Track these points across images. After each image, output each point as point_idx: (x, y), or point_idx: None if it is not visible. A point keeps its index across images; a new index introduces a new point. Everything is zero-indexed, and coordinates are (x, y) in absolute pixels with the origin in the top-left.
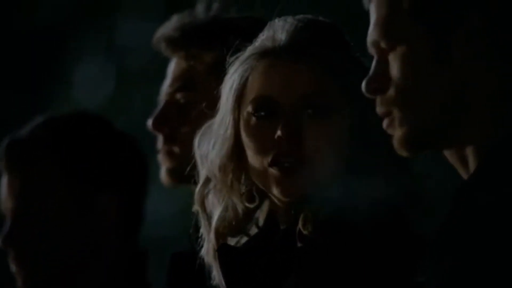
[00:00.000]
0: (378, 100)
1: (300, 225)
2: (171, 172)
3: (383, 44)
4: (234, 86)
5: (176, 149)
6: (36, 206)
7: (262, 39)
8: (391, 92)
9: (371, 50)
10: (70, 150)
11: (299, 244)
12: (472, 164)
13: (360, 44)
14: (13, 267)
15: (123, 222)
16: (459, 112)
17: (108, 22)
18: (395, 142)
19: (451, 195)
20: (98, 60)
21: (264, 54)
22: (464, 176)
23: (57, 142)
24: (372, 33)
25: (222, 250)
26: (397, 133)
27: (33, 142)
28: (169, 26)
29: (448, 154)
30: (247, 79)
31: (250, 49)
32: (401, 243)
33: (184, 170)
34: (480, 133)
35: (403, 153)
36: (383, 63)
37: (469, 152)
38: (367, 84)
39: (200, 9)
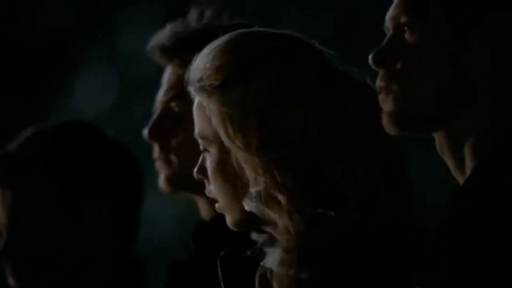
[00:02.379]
0: (381, 73)
1: None
2: (169, 179)
3: (403, 19)
4: None
5: (172, 157)
6: (30, 218)
7: None
8: (398, 66)
9: (388, 25)
10: (60, 159)
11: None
12: (468, 165)
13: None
14: (11, 281)
15: (118, 229)
16: (457, 103)
17: (110, 31)
18: (385, 118)
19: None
20: (100, 69)
21: None
22: (459, 179)
23: (47, 153)
24: (395, 7)
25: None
26: (390, 108)
27: (23, 154)
28: (163, 35)
29: (444, 153)
30: None
31: None
32: (399, 249)
33: (182, 178)
34: (477, 132)
35: (391, 129)
36: (396, 38)
37: (466, 152)
38: (375, 56)
39: (192, 17)
